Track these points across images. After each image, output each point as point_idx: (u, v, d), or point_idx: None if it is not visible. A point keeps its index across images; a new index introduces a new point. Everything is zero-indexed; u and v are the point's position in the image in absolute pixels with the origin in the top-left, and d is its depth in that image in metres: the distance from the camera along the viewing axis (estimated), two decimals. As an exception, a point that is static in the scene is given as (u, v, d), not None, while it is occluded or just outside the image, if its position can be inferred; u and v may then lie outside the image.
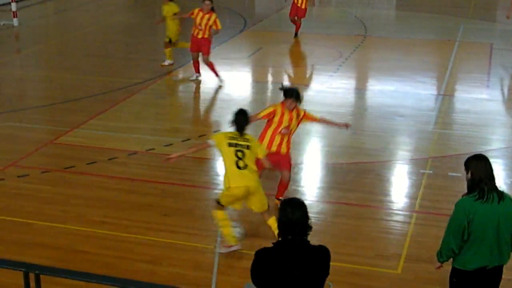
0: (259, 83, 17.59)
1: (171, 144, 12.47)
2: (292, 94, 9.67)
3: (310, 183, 11.38)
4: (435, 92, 16.35)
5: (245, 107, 14.84)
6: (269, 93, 16.94)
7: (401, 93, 16.16)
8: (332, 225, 9.81)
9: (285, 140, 9.86)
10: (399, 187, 11.22)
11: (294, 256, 5.21)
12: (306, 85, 17.23)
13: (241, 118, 8.65)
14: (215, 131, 10.32)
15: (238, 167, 8.47)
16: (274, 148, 9.79)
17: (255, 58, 19.77)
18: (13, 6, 23.70)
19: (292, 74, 18.67)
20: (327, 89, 16.32)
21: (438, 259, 6.61)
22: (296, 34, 21.35)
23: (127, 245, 9.10)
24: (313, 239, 5.42)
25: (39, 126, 13.93)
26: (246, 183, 8.50)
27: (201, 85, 17.12)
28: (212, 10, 16.23)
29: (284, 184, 10.07)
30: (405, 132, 13.64)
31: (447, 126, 14.02)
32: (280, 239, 5.30)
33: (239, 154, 8.48)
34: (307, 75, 18.23)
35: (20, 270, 5.11)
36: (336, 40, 21.76)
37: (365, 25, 24.17)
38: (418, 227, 9.68)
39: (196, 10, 16.32)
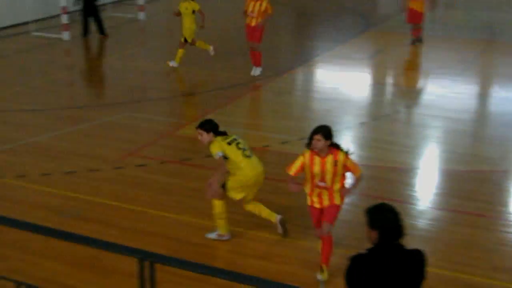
0: (378, 85, 17.36)
1: (287, 142, 12.49)
2: (320, 130, 7.86)
3: (426, 189, 11.12)
4: None
5: (363, 109, 14.83)
6: (388, 96, 16.71)
7: (527, 101, 15.57)
8: (446, 233, 9.55)
9: (324, 194, 8.14)
10: (520, 199, 10.82)
11: (390, 260, 5.11)
12: (427, 89, 16.90)
13: (211, 124, 8.87)
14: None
15: (247, 156, 8.80)
16: (317, 205, 8.22)
17: (376, 60, 19.52)
18: (141, 0, 24.42)
19: (412, 77, 18.31)
20: (449, 94, 15.90)
21: None
22: (416, 41, 20.42)
23: (239, 240, 9.17)
24: (426, 246, 5.32)
25: (159, 118, 14.26)
26: (261, 167, 8.94)
27: (320, 84, 17.08)
28: None
29: (325, 242, 8.24)
30: (529, 141, 13.12)
31: None
32: (373, 244, 5.19)
33: (240, 145, 8.82)
34: (429, 79, 17.82)
35: (136, 257, 5.21)
36: (460, 44, 21.19)
37: (492, 29, 23.41)
38: (539, 241, 9.29)
39: (247, 1, 16.39)
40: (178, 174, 11.39)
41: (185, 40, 17.43)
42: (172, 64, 17.61)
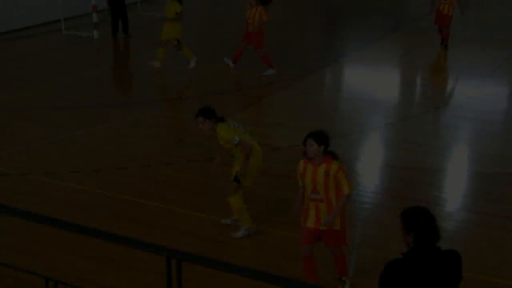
0: (407, 85, 17.25)
1: (314, 142, 12.42)
2: (312, 134, 7.23)
3: (454, 191, 11.04)
4: None
5: (391, 109, 14.74)
6: (416, 96, 16.60)
7: (559, 103, 15.40)
8: (475, 236, 9.46)
9: (322, 209, 7.38)
10: (550, 202, 10.67)
11: (427, 264, 5.06)
12: (456, 90, 16.77)
13: (211, 110, 8.69)
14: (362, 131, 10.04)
15: (251, 139, 8.94)
16: (310, 223, 7.47)
17: (405, 60, 19.40)
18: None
19: (441, 78, 18.17)
20: (479, 95, 15.75)
21: None
22: (445, 45, 19.89)
23: (265, 239, 9.16)
24: (454, 248, 5.25)
25: (186, 116, 14.26)
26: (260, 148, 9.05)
27: (348, 84, 17.01)
28: (261, 2, 16.61)
29: (338, 258, 7.87)
30: (560, 144, 12.96)
31: None
32: (409, 248, 5.14)
33: (242, 129, 8.89)
34: (459, 79, 17.69)
35: (163, 255, 5.22)
36: (491, 44, 20.98)
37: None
38: None
39: (248, 7, 16.87)
40: (205, 172, 11.37)
41: (178, 41, 17.32)
42: (191, 65, 17.63)
